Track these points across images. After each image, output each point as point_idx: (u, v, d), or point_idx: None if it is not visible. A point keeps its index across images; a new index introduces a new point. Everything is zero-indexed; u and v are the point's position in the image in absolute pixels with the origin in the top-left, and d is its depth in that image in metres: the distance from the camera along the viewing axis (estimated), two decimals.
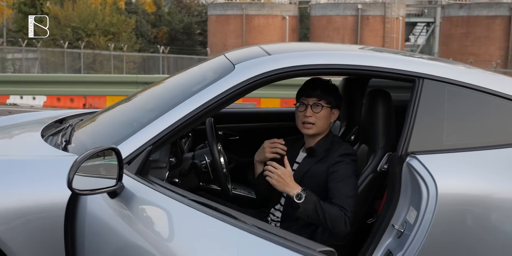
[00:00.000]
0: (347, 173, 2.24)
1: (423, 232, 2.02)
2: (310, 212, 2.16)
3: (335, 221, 2.15)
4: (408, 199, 2.13)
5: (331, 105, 2.33)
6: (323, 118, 2.31)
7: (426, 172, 2.03)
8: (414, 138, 2.12)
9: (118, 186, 1.65)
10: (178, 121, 2.01)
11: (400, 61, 2.23)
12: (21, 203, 1.83)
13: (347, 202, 2.17)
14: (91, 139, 2.25)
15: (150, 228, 1.48)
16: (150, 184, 1.66)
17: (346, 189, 2.20)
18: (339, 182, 2.22)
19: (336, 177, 2.24)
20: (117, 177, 1.65)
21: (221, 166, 2.40)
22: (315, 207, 2.16)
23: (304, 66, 2.14)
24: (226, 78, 2.11)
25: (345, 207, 2.16)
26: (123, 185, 1.73)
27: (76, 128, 2.49)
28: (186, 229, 1.38)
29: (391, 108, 2.35)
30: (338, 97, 2.38)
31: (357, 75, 2.22)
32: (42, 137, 2.51)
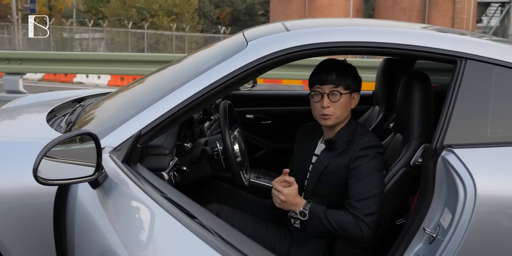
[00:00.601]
0: (370, 169, 1.96)
1: (458, 239, 1.74)
2: (320, 227, 1.94)
3: (349, 230, 1.91)
4: (442, 199, 1.84)
5: (350, 89, 2.03)
6: (343, 106, 2.03)
7: (463, 168, 1.74)
8: (452, 129, 1.82)
9: (96, 176, 1.46)
10: (179, 104, 1.80)
11: (438, 38, 1.91)
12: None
13: (365, 204, 1.91)
14: (95, 122, 2.08)
15: (123, 227, 1.28)
16: (133, 175, 1.47)
17: (367, 188, 1.93)
18: (360, 180, 1.96)
19: (358, 174, 1.97)
20: (95, 166, 1.46)
21: (234, 154, 2.17)
22: (321, 221, 1.93)
23: (325, 44, 1.86)
24: (236, 56, 1.88)
25: (360, 210, 1.91)
26: (105, 174, 1.54)
27: (87, 109, 2.34)
28: (149, 230, 1.17)
29: (429, 93, 2.04)
30: (357, 78, 2.08)
31: (385, 54, 1.93)
32: (52, 117, 2.39)
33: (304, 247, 2.09)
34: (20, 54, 5.66)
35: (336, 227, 1.91)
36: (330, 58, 2.13)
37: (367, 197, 1.92)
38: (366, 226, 1.90)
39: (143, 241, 1.15)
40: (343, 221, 1.91)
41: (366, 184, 1.94)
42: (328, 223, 1.92)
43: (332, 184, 2.03)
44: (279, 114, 3.43)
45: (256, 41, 1.93)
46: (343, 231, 1.91)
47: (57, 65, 5.56)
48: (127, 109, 2.01)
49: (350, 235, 1.92)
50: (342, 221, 1.91)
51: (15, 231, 1.79)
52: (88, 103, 2.50)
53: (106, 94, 2.72)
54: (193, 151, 2.27)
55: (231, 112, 2.39)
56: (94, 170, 1.46)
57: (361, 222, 1.90)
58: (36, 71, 5.92)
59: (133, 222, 1.25)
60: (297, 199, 1.95)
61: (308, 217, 1.93)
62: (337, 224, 1.91)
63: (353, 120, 2.11)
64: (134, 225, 1.24)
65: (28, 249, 1.82)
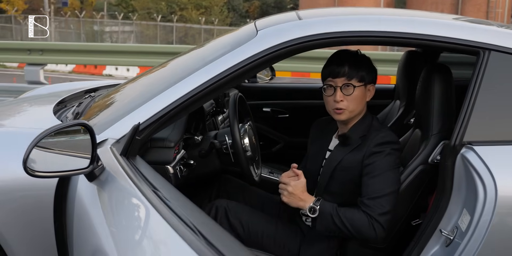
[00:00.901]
0: (385, 166, 1.85)
1: (477, 242, 1.63)
2: (330, 226, 1.84)
3: (361, 230, 1.80)
4: (461, 200, 1.73)
5: (365, 81, 1.92)
6: (357, 99, 1.92)
7: (484, 167, 1.63)
8: (472, 125, 1.70)
9: (90, 169, 1.40)
10: (184, 96, 1.72)
11: (459, 28, 1.79)
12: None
13: (378, 203, 1.81)
14: (101, 113, 2.03)
15: (115, 224, 1.21)
16: (129, 168, 1.40)
17: (381, 185, 1.83)
18: (373, 177, 1.85)
19: (371, 171, 1.86)
20: (90, 159, 1.40)
21: (243, 148, 2.09)
22: (333, 219, 1.83)
23: (338, 33, 1.76)
24: (244, 46, 1.79)
25: (373, 209, 1.80)
26: (102, 167, 1.48)
27: (97, 100, 2.29)
28: (136, 228, 1.10)
29: (450, 87, 1.92)
30: (371, 70, 1.97)
31: (402, 44, 1.82)
32: (61, 108, 2.35)
33: (315, 246, 2.00)
34: (41, 45, 5.67)
35: (348, 225, 1.81)
36: (343, 49, 2.03)
37: (380, 195, 1.81)
38: (380, 226, 1.80)
39: (133, 240, 1.08)
40: (355, 219, 1.81)
41: (380, 181, 1.84)
42: (339, 221, 1.82)
43: (345, 181, 1.93)
44: (297, 107, 3.34)
45: (266, 30, 1.84)
46: (355, 230, 1.81)
47: (77, 56, 5.56)
48: (132, 100, 1.95)
49: (363, 235, 1.81)
50: (354, 220, 1.81)
51: (16, 224, 1.75)
52: (98, 94, 2.45)
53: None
54: (202, 144, 2.20)
55: (243, 105, 2.31)
56: (89, 163, 1.40)
57: (375, 222, 1.79)
58: (56, 62, 5.91)
59: (123, 219, 1.19)
60: (305, 194, 1.87)
61: (318, 213, 1.84)
62: (349, 223, 1.81)
63: (368, 114, 2.01)
64: (124, 222, 1.17)
65: (29, 242, 1.78)
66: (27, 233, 1.76)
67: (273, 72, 3.53)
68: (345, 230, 1.82)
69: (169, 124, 1.82)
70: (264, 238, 2.05)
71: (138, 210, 1.15)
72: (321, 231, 1.87)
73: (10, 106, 2.51)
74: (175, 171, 1.92)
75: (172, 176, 1.88)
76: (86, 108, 2.19)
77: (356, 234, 1.82)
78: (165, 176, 1.87)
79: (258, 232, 2.05)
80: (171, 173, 1.88)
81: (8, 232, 1.75)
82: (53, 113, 2.13)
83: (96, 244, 1.19)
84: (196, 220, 0.98)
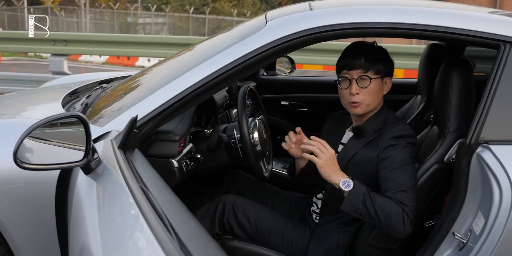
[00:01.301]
0: (402, 159, 1.77)
1: (490, 247, 1.54)
2: (359, 206, 1.71)
3: (390, 219, 1.69)
4: (476, 202, 1.64)
5: (381, 74, 1.85)
6: (374, 93, 1.85)
7: (500, 168, 1.53)
8: (490, 122, 1.61)
9: (84, 162, 1.36)
10: (187, 89, 1.68)
11: (479, 20, 1.68)
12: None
13: (405, 196, 1.71)
14: (108, 105, 1.99)
15: (103, 221, 1.17)
16: (123, 162, 1.36)
17: (402, 178, 1.73)
18: (392, 170, 1.76)
19: (389, 164, 1.77)
20: (84, 152, 1.36)
21: (251, 142, 2.03)
22: (364, 199, 1.70)
23: (350, 24, 1.68)
24: (251, 37, 1.73)
25: (405, 201, 1.70)
26: (99, 160, 1.45)
27: (108, 91, 2.26)
28: (119, 226, 1.05)
29: (469, 82, 1.82)
30: (388, 62, 1.89)
31: (418, 37, 1.72)
32: (73, 99, 2.33)
33: (324, 245, 1.93)
34: (65, 36, 5.71)
35: (378, 210, 1.68)
36: (359, 40, 1.95)
37: (405, 189, 1.72)
38: (409, 220, 1.69)
39: (114, 239, 1.04)
40: (387, 207, 1.69)
41: (400, 174, 1.75)
42: (371, 204, 1.69)
43: (357, 176, 1.84)
44: (316, 101, 3.25)
45: (275, 21, 1.77)
46: (385, 217, 1.68)
47: (100, 47, 5.58)
48: (137, 92, 1.91)
49: (391, 224, 1.69)
50: (386, 207, 1.69)
51: (17, 214, 1.74)
52: (110, 85, 2.42)
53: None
54: (211, 138, 2.15)
55: (255, 98, 2.25)
56: (83, 156, 1.36)
57: (406, 215, 1.69)
58: (80, 53, 5.98)
59: (109, 215, 1.14)
60: (339, 168, 1.77)
61: (351, 189, 1.71)
62: (381, 209, 1.68)
63: (385, 108, 1.93)
64: (109, 218, 1.13)
65: (31, 233, 1.76)
66: (28, 224, 1.75)
67: (293, 64, 3.45)
68: (374, 215, 1.69)
69: (174, 117, 1.77)
70: (271, 235, 1.99)
71: (123, 207, 1.11)
72: (346, 209, 1.74)
73: (23, 96, 2.51)
74: (180, 165, 1.87)
75: (176, 170, 1.84)
76: (96, 99, 2.17)
77: (384, 222, 1.69)
78: (169, 170, 1.83)
79: (266, 230, 2.00)
80: (176, 167, 1.84)
81: (10, 222, 1.74)
82: (61, 104, 2.11)
83: (83, 240, 1.16)
84: (177, 222, 0.93)
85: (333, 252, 1.91)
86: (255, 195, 2.25)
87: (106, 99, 2.09)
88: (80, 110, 2.07)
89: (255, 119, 2.18)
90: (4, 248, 1.79)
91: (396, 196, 1.72)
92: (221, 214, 2.02)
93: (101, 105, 2.03)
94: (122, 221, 1.06)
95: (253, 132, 2.09)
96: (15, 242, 1.76)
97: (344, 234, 1.92)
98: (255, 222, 2.00)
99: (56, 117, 1.33)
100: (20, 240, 1.76)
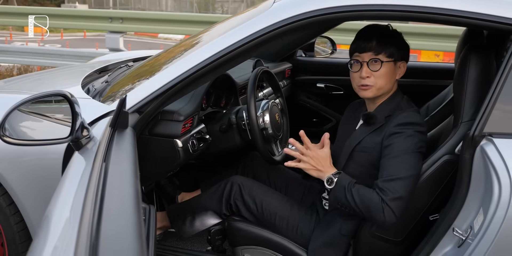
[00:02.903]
0: (404, 148, 1.70)
1: (485, 246, 1.46)
2: (342, 200, 1.72)
3: (370, 210, 1.67)
4: (479, 197, 1.55)
5: (394, 57, 1.78)
6: (385, 76, 1.78)
7: (501, 162, 1.43)
8: (496, 114, 1.50)
9: (69, 139, 1.40)
10: (187, 71, 1.69)
11: (493, 2, 1.55)
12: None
13: (392, 186, 1.65)
14: (122, 85, 2.04)
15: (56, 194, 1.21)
16: (106, 140, 1.38)
17: (397, 168, 1.67)
18: (391, 158, 1.70)
19: (389, 152, 1.71)
20: (70, 129, 1.41)
21: (258, 125, 2.01)
22: (345, 193, 1.71)
23: (355, 6, 1.61)
24: (255, 19, 1.70)
25: (386, 192, 1.65)
26: (89, 137, 1.49)
27: (133, 70, 2.31)
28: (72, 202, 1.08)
29: (488, 70, 1.70)
30: (402, 46, 1.81)
31: (427, 20, 1.62)
32: (100, 76, 2.40)
33: (328, 231, 1.90)
34: (121, 14, 5.84)
35: (358, 203, 1.69)
36: (373, 23, 1.87)
37: (394, 178, 1.66)
38: (390, 211, 1.65)
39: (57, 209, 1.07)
40: (366, 198, 1.68)
41: (397, 163, 1.69)
42: (351, 196, 1.70)
43: (363, 163, 1.80)
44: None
45: (281, 2, 1.73)
46: (364, 209, 1.68)
47: (155, 25, 5.67)
48: (146, 73, 1.94)
49: (371, 216, 1.68)
50: (365, 198, 1.68)
51: (27, 183, 1.83)
52: (135, 64, 2.47)
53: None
54: (223, 119, 2.15)
55: (271, 80, 2.21)
56: (69, 133, 1.41)
57: (385, 206, 1.65)
58: (135, 30, 6.09)
59: (70, 186, 1.18)
60: (326, 164, 1.77)
61: (334, 185, 1.74)
62: (360, 200, 1.68)
63: (399, 94, 1.86)
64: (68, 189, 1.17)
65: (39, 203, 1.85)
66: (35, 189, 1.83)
67: (334, 46, 3.36)
68: (355, 207, 1.70)
69: (178, 97, 1.79)
70: (277, 219, 1.98)
71: (82, 181, 1.14)
72: (332, 202, 1.77)
73: (54, 72, 2.62)
74: (186, 145, 1.89)
75: (180, 150, 1.86)
76: (117, 77, 2.22)
77: (366, 213, 1.69)
78: (173, 149, 1.86)
79: (271, 213, 1.99)
80: (180, 147, 1.85)
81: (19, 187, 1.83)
82: (82, 81, 2.18)
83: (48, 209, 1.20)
84: (112, 203, 0.94)
85: (336, 239, 1.88)
86: (270, 178, 2.25)
87: (124, 79, 2.14)
88: (99, 87, 2.13)
89: (269, 101, 2.15)
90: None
91: (383, 185, 1.67)
92: (228, 195, 2.03)
93: (119, 84, 2.08)
94: (69, 192, 1.10)
95: (263, 115, 2.07)
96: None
97: (348, 222, 1.88)
98: (261, 204, 2.00)
99: (41, 95, 1.37)
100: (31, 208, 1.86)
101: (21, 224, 1.93)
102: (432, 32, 4.80)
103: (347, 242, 1.89)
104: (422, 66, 3.20)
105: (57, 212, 1.07)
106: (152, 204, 2.41)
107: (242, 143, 2.18)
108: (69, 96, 1.39)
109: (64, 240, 0.88)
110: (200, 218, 2.06)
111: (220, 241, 2.03)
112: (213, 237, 2.02)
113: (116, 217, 0.91)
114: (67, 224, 0.93)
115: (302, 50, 3.32)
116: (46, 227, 1.02)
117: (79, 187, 1.14)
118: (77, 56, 5.78)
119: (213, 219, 2.05)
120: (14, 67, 7.39)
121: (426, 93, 2.71)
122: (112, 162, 1.19)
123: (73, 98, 1.40)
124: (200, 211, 2.07)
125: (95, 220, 0.86)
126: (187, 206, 2.14)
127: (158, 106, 1.74)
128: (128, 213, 0.91)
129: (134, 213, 0.93)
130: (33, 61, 6.18)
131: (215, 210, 2.06)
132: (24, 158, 1.81)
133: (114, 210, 0.92)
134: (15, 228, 1.93)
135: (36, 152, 1.78)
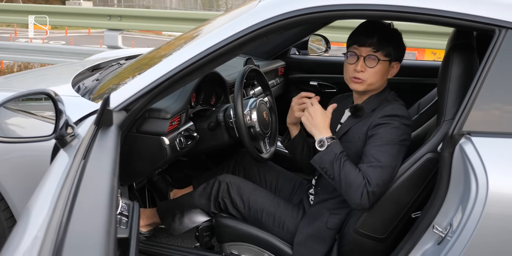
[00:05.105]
0: (387, 139, 1.73)
1: (462, 244, 1.48)
2: (327, 165, 1.72)
3: (351, 187, 1.68)
4: (458, 194, 1.57)
5: (390, 57, 1.81)
6: (379, 74, 1.81)
7: (478, 160, 1.45)
8: (475, 112, 1.52)
9: (51, 138, 1.43)
10: (171, 71, 1.71)
11: (474, 3, 1.57)
12: None
13: (373, 172, 1.68)
14: (112, 83, 2.06)
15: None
16: (88, 138, 1.41)
17: (380, 155, 1.70)
18: (374, 147, 1.73)
19: (373, 141, 1.74)
20: (54, 127, 1.43)
21: (245, 123, 2.03)
22: (334, 160, 1.71)
23: (336, 6, 1.63)
24: (239, 19, 1.72)
25: (370, 176, 1.67)
26: (74, 134, 1.51)
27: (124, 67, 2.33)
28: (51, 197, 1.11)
29: (470, 69, 1.72)
30: (400, 46, 1.84)
31: (407, 20, 1.63)
32: (91, 74, 2.42)
33: (313, 224, 1.92)
34: (119, 11, 5.87)
35: (342, 177, 1.69)
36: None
37: (375, 165, 1.69)
38: (367, 195, 1.67)
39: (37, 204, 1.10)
40: (353, 175, 1.69)
41: (379, 152, 1.71)
42: (338, 166, 1.71)
43: (348, 153, 1.81)
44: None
45: (266, 2, 1.75)
46: (346, 184, 1.69)
47: (153, 22, 5.69)
48: (133, 71, 1.96)
49: (349, 193, 1.69)
50: (352, 174, 1.69)
51: (16, 179, 1.85)
52: (127, 62, 2.49)
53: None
54: (212, 117, 2.17)
55: (260, 78, 2.23)
56: (52, 131, 1.43)
57: (365, 189, 1.67)
58: (133, 28, 6.10)
59: (50, 182, 1.21)
60: (324, 126, 1.78)
61: (325, 149, 1.74)
62: (344, 173, 1.69)
63: (386, 90, 1.89)
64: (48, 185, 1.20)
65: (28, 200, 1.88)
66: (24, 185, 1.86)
67: (328, 44, 3.38)
68: (337, 177, 1.71)
69: (164, 96, 1.81)
70: (263, 216, 2.01)
71: (61, 177, 1.17)
72: (315, 162, 1.77)
73: (47, 70, 2.64)
74: (173, 142, 1.91)
75: (167, 148, 1.88)
76: (108, 75, 2.24)
77: (344, 188, 1.70)
78: (160, 147, 1.88)
79: (258, 210, 2.02)
80: (167, 145, 1.88)
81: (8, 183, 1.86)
82: (72, 79, 2.20)
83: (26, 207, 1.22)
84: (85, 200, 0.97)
85: (322, 232, 1.90)
86: (260, 175, 2.27)
87: (114, 77, 2.17)
88: (89, 85, 2.16)
89: (257, 99, 2.17)
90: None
91: (365, 170, 1.69)
92: (217, 193, 2.06)
93: (109, 82, 2.11)
94: (48, 188, 1.13)
95: (251, 113, 2.09)
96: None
97: (334, 216, 1.90)
98: (248, 201, 2.02)
99: (24, 93, 1.40)
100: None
101: (11, 220, 1.96)
102: (428, 30, 4.79)
103: (333, 236, 1.91)
104: (414, 64, 3.21)
105: (35, 209, 1.10)
106: (144, 200, 2.45)
107: (230, 141, 2.20)
108: (53, 94, 1.41)
109: (37, 235, 0.91)
110: (189, 216, 2.08)
111: (208, 238, 2.06)
112: (201, 234, 2.04)
113: (87, 213, 0.93)
114: (40, 219, 0.96)
115: (296, 48, 3.33)
116: (25, 221, 1.05)
117: (58, 183, 1.17)
118: (77, 53, 5.81)
119: (202, 216, 2.08)
120: (15, 64, 7.44)
121: (417, 91, 2.72)
122: (91, 159, 1.21)
123: (57, 96, 1.42)
124: (189, 209, 2.10)
125: (65, 216, 0.88)
126: (176, 203, 2.17)
127: (145, 104, 1.77)
128: (99, 210, 0.94)
129: (105, 209, 0.95)
130: (34, 58, 6.22)
131: (204, 208, 2.08)
132: (11, 155, 1.84)
133: (85, 207, 0.95)
134: (5, 224, 1.96)
135: (23, 149, 1.81)
